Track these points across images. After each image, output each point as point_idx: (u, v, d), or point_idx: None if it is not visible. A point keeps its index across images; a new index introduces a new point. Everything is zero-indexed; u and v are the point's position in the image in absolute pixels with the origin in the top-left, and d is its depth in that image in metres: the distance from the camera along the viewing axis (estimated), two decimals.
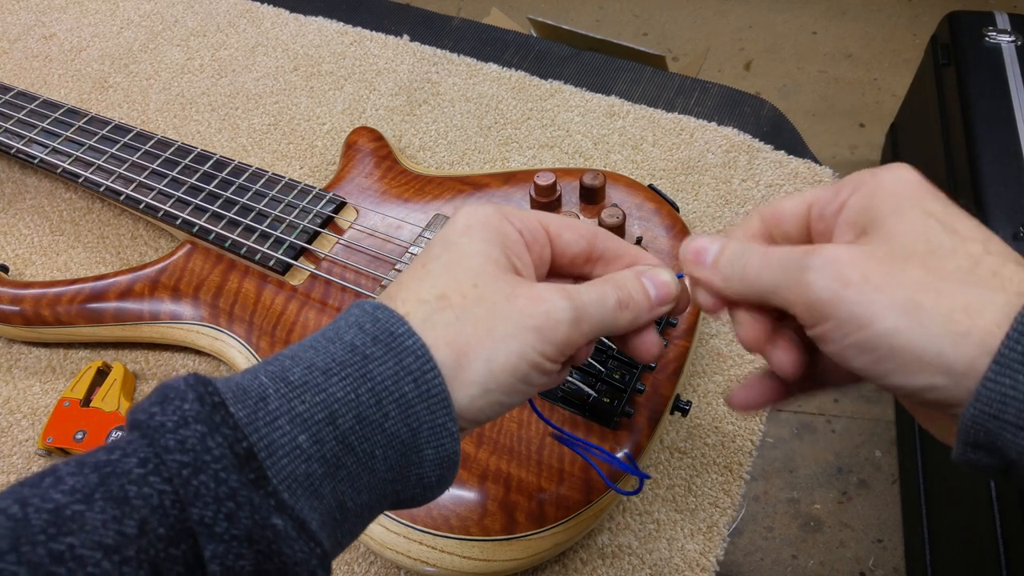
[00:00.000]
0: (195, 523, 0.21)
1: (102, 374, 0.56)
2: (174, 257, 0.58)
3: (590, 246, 0.30)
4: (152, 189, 0.61)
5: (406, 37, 0.79)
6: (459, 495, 0.46)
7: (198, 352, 0.58)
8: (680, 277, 0.31)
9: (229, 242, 0.57)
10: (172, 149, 0.63)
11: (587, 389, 0.47)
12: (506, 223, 0.28)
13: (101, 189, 0.61)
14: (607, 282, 0.29)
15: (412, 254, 0.55)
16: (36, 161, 0.63)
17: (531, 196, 0.58)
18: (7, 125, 0.65)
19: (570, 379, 0.48)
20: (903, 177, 0.26)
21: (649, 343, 0.31)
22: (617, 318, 0.28)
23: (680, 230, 0.56)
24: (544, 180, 0.57)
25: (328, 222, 0.58)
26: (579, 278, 0.31)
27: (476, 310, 0.26)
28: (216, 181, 0.60)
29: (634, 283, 0.29)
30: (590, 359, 0.48)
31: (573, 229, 0.30)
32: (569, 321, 0.26)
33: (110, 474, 0.21)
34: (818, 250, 0.25)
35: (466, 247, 0.27)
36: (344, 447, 0.23)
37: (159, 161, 0.62)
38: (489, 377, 0.25)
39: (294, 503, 0.22)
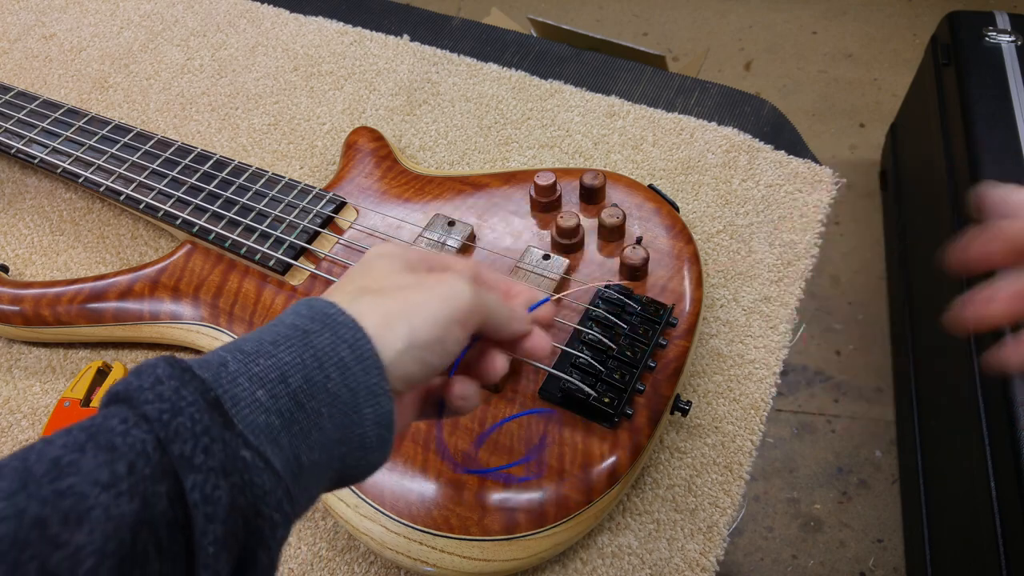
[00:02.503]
0: (176, 459, 0.24)
1: (102, 374, 0.56)
2: (174, 257, 0.58)
3: (473, 276, 0.35)
4: (152, 189, 0.61)
5: (406, 37, 0.79)
6: (459, 495, 0.46)
7: (198, 352, 0.58)
8: (545, 301, 0.37)
9: (229, 242, 0.57)
10: (172, 149, 0.63)
11: (587, 389, 0.47)
12: (407, 253, 0.34)
13: (101, 189, 0.61)
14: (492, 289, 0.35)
15: None
16: (36, 161, 0.63)
17: (531, 196, 0.58)
18: (7, 125, 0.65)
19: (570, 379, 0.48)
20: None
21: (533, 341, 0.36)
22: (501, 309, 0.34)
23: (680, 230, 0.56)
24: (544, 180, 0.57)
25: (328, 222, 0.58)
26: None
27: (394, 291, 0.31)
28: (216, 181, 0.60)
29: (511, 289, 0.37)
30: (590, 359, 0.48)
31: (458, 263, 0.35)
32: (471, 293, 0.31)
33: (96, 432, 0.24)
34: None
35: (377, 262, 0.33)
36: (296, 404, 0.27)
37: (159, 161, 0.62)
38: (412, 333, 0.30)
39: (258, 444, 0.26)
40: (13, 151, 0.64)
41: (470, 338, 0.32)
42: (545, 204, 0.58)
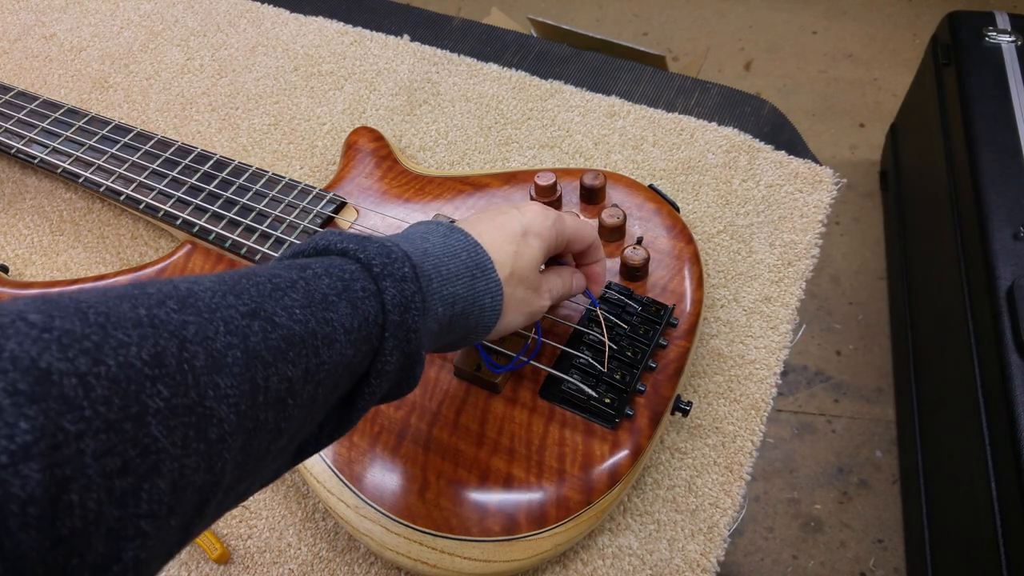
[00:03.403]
0: (393, 337, 0.33)
1: None
2: (174, 257, 0.58)
3: (587, 251, 0.47)
4: (152, 189, 0.60)
5: (406, 37, 0.79)
6: (459, 495, 0.45)
7: None
8: (587, 294, 0.48)
9: (229, 242, 0.57)
10: (172, 149, 0.63)
11: (587, 389, 0.47)
12: (556, 238, 0.43)
13: (101, 189, 0.61)
14: (563, 277, 0.46)
15: None
16: (36, 161, 0.63)
17: (531, 196, 0.58)
18: (7, 125, 0.65)
19: (570, 379, 0.48)
20: None
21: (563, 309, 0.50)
22: (559, 299, 0.46)
23: (680, 230, 0.56)
24: (544, 180, 0.57)
25: (328, 222, 0.58)
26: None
27: (521, 292, 0.42)
28: (216, 181, 0.60)
29: (574, 280, 0.47)
30: (591, 360, 0.48)
31: (582, 242, 0.46)
32: (545, 311, 0.45)
33: (346, 288, 0.33)
34: None
35: (533, 247, 0.42)
36: (449, 322, 0.38)
37: (159, 161, 0.62)
38: (506, 326, 0.42)
39: (425, 342, 0.36)
40: (13, 151, 0.64)
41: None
42: (545, 204, 0.57)
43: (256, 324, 0.28)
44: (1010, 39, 1.13)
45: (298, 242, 0.56)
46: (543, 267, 0.45)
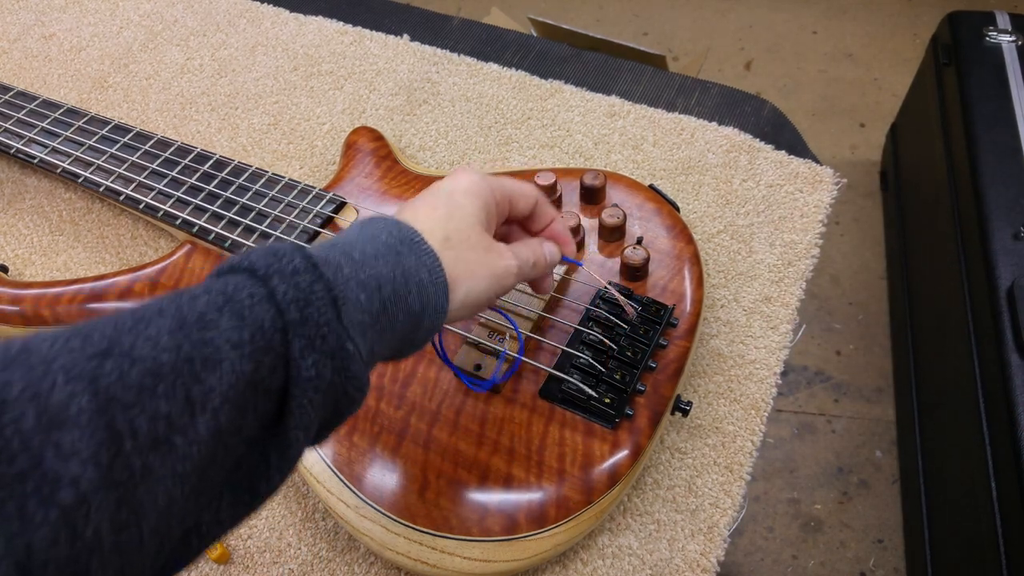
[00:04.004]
0: (300, 339, 0.30)
1: None
2: (174, 257, 0.58)
3: (531, 210, 0.44)
4: (152, 189, 0.60)
5: (406, 37, 0.79)
6: (459, 495, 0.45)
7: None
8: (569, 261, 0.46)
9: (229, 242, 0.57)
10: (172, 149, 0.63)
11: (587, 389, 0.47)
12: (491, 194, 0.40)
13: (101, 189, 0.61)
14: (530, 245, 0.43)
15: None
16: (36, 161, 0.63)
17: None
18: (7, 125, 0.65)
19: (570, 379, 0.48)
20: None
21: (545, 283, 0.46)
22: (534, 270, 0.43)
23: (681, 230, 0.56)
24: (544, 180, 0.57)
25: (328, 222, 0.58)
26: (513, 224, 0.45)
27: (468, 254, 0.38)
28: (216, 181, 0.60)
29: (544, 248, 0.44)
30: (591, 360, 0.48)
31: (526, 198, 0.43)
32: (514, 274, 0.40)
33: (230, 299, 0.29)
34: None
35: (465, 206, 0.39)
36: (382, 308, 0.33)
37: (159, 161, 0.62)
38: (466, 297, 0.38)
39: (354, 337, 0.32)
40: (13, 151, 0.64)
41: None
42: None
43: (108, 363, 0.25)
44: (1010, 39, 1.13)
45: (299, 242, 0.56)
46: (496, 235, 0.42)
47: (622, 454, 0.47)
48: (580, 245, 0.56)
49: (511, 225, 0.45)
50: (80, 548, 0.23)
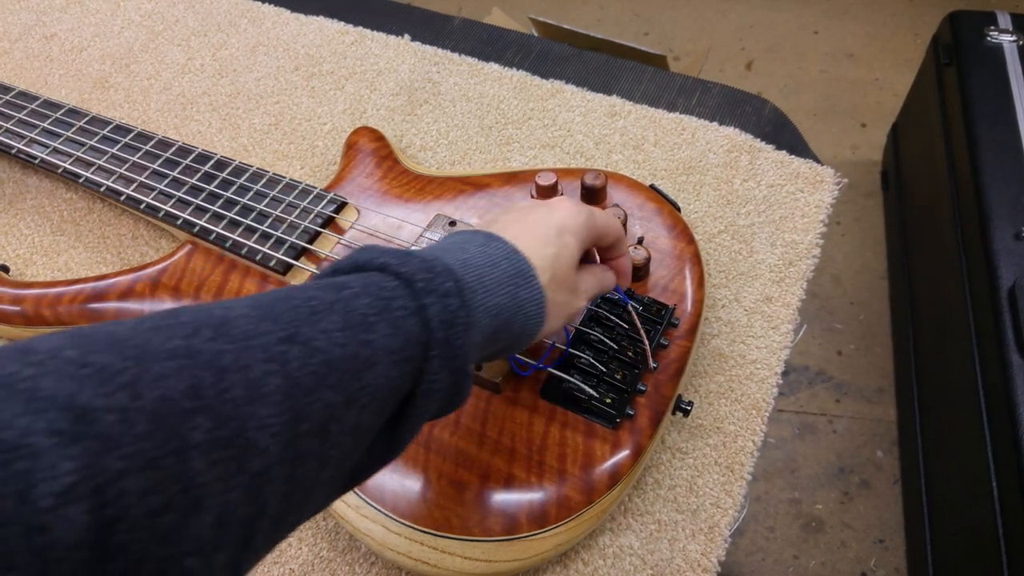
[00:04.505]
0: (439, 355, 0.32)
1: None
2: (175, 257, 0.58)
3: (614, 245, 0.45)
4: (153, 189, 0.60)
5: (407, 37, 0.79)
6: (460, 495, 0.45)
7: None
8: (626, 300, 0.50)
9: (230, 242, 0.57)
10: (173, 149, 0.63)
11: (589, 389, 0.47)
12: (589, 232, 0.42)
13: (102, 189, 0.61)
14: (596, 274, 0.44)
15: None
16: (37, 161, 0.63)
17: (532, 196, 0.58)
18: (8, 125, 0.65)
19: (571, 379, 0.48)
20: None
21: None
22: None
23: (681, 230, 0.56)
24: (545, 180, 0.57)
25: (329, 222, 0.58)
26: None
27: (561, 296, 0.40)
28: (217, 181, 0.60)
29: (607, 276, 0.46)
30: (592, 360, 0.48)
31: (613, 236, 0.44)
32: (582, 310, 0.44)
33: (385, 307, 0.31)
34: None
35: (571, 246, 0.41)
36: (495, 333, 0.37)
37: (160, 161, 0.62)
38: (551, 328, 0.40)
39: (473, 357, 0.35)
40: (14, 151, 0.64)
41: None
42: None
43: (294, 350, 0.27)
44: (1011, 39, 1.13)
45: (299, 242, 0.56)
46: None
47: (623, 454, 0.47)
48: None
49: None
50: (253, 513, 0.25)
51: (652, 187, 0.59)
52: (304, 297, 0.30)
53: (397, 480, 0.46)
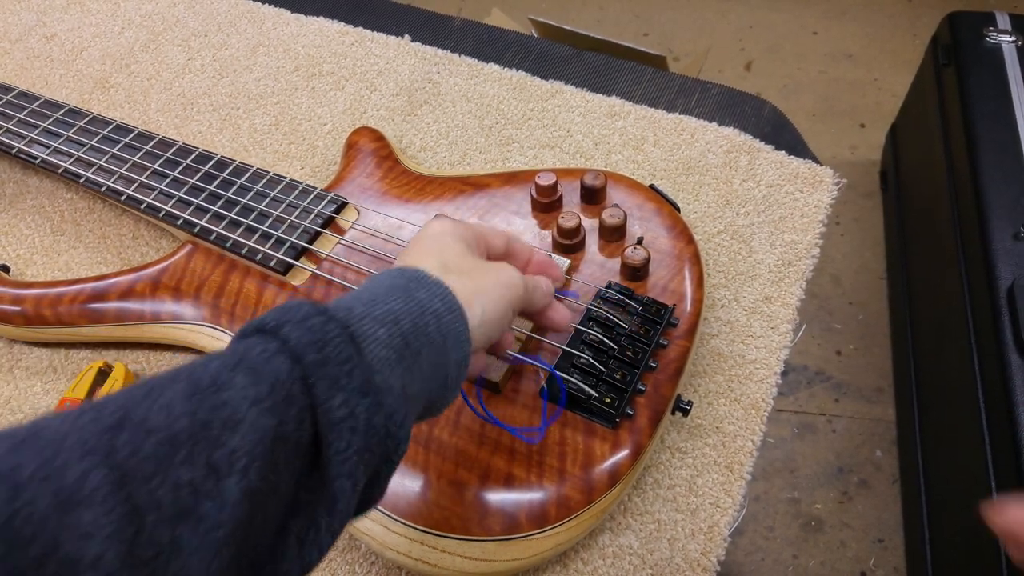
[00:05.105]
0: (323, 381, 0.29)
1: (103, 374, 0.56)
2: (175, 257, 0.58)
3: (507, 248, 0.44)
4: (153, 189, 0.61)
5: (407, 37, 0.79)
6: (460, 495, 0.46)
7: (199, 353, 0.58)
8: (569, 295, 0.51)
9: (230, 242, 0.57)
10: (173, 149, 0.63)
11: (588, 389, 0.47)
12: (465, 230, 0.41)
13: (102, 189, 0.61)
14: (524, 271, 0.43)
15: None
16: (37, 161, 0.63)
17: (532, 196, 0.58)
18: (8, 125, 0.65)
19: (571, 379, 0.48)
20: None
21: (557, 314, 0.45)
22: (537, 292, 0.43)
23: (681, 230, 0.56)
24: (545, 180, 0.57)
25: (329, 222, 0.58)
26: None
27: (468, 277, 0.38)
28: (217, 181, 0.61)
29: (541, 280, 0.44)
30: (591, 359, 0.48)
31: (498, 236, 0.44)
32: (519, 283, 0.40)
33: (243, 357, 0.29)
34: None
35: (449, 240, 0.40)
36: (405, 343, 0.33)
37: (160, 161, 0.62)
38: (484, 314, 0.37)
39: (382, 371, 0.31)
40: (14, 151, 0.64)
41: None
42: (546, 204, 0.58)
43: (122, 436, 0.24)
44: (1010, 39, 1.14)
45: (299, 242, 0.57)
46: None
47: (623, 454, 0.47)
48: (581, 245, 0.56)
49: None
50: None
51: (651, 187, 0.59)
52: (147, 380, 0.28)
53: (397, 480, 0.47)
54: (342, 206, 0.60)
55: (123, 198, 0.61)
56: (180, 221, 0.59)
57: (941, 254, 1.10)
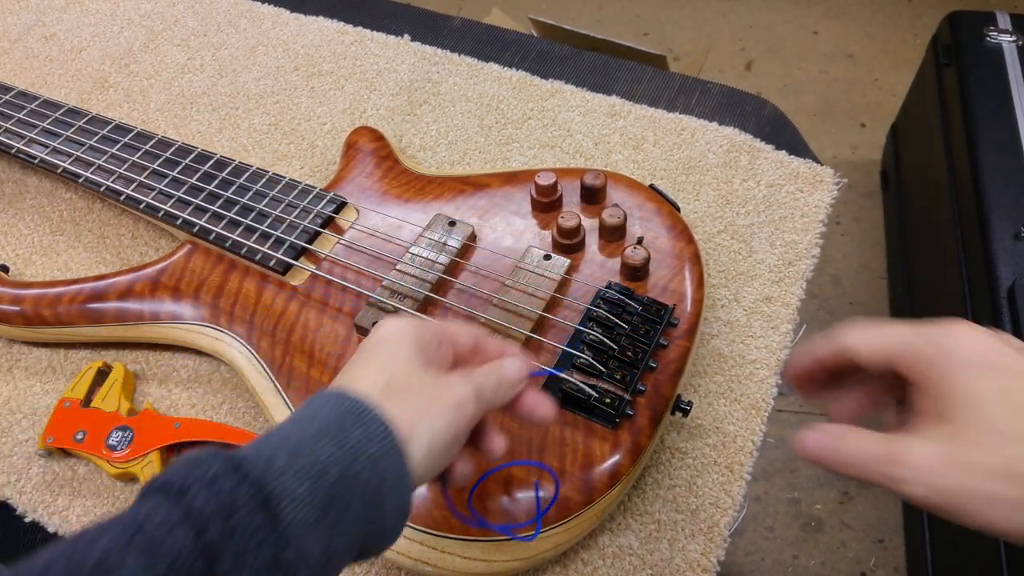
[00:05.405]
0: (230, 553, 0.26)
1: (102, 374, 0.56)
2: (174, 257, 0.58)
3: (475, 344, 0.39)
4: (152, 189, 0.60)
5: (407, 37, 0.79)
6: (460, 495, 0.45)
7: (199, 352, 0.58)
8: (540, 374, 0.46)
9: (230, 242, 0.57)
10: (172, 149, 0.63)
11: (588, 389, 0.47)
12: (422, 332, 0.37)
13: (101, 189, 0.61)
14: (491, 367, 0.38)
15: (413, 254, 0.55)
16: (36, 161, 0.63)
17: (532, 196, 0.58)
18: (7, 125, 0.65)
19: (571, 379, 0.48)
20: (972, 355, 0.31)
21: (533, 402, 0.39)
22: (497, 395, 0.37)
23: (681, 230, 0.56)
24: (545, 180, 0.57)
25: (329, 222, 0.58)
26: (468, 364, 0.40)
27: (414, 396, 0.34)
28: (216, 181, 0.60)
29: (503, 365, 0.38)
30: (591, 359, 0.48)
31: (464, 332, 0.39)
32: (474, 396, 0.35)
33: (140, 528, 0.26)
34: (904, 457, 0.30)
35: (399, 348, 0.35)
36: (330, 498, 0.29)
37: (159, 161, 0.62)
38: (431, 441, 0.33)
39: (300, 537, 0.28)
40: (13, 151, 0.64)
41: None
42: (546, 204, 0.58)
43: None
44: (1011, 39, 1.13)
45: (299, 242, 0.56)
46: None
47: (622, 454, 0.47)
48: (581, 245, 0.56)
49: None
50: None
51: (652, 187, 0.59)
52: (27, 563, 0.25)
53: None
54: (341, 206, 0.59)
55: (122, 198, 0.60)
56: (179, 221, 0.59)
57: (941, 254, 1.10)
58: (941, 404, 0.31)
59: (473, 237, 0.57)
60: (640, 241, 0.54)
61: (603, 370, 0.48)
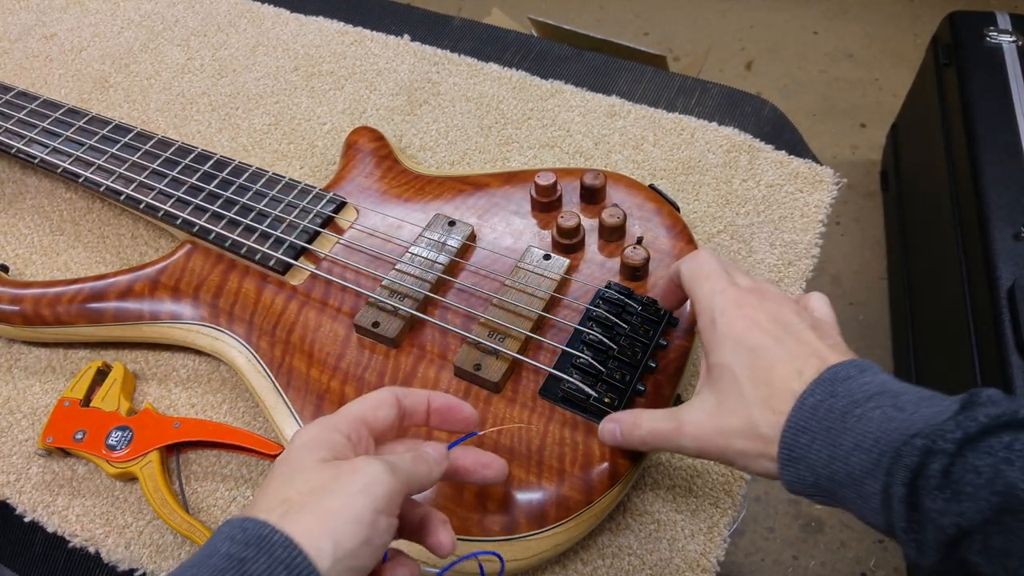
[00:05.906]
0: None
1: (102, 374, 0.56)
2: (174, 257, 0.58)
3: (400, 409, 0.38)
4: (152, 189, 0.60)
5: (407, 37, 0.79)
6: (459, 495, 0.45)
7: (198, 352, 0.58)
8: (466, 439, 0.41)
9: (229, 242, 0.57)
10: (172, 149, 0.63)
11: (588, 389, 0.47)
12: (329, 431, 0.35)
13: (101, 189, 0.61)
14: (402, 444, 0.38)
15: (412, 254, 0.55)
16: (36, 161, 0.63)
17: (532, 196, 0.58)
18: (7, 125, 0.65)
19: (571, 379, 0.48)
20: (735, 335, 0.40)
21: (481, 462, 0.40)
22: (418, 468, 0.35)
23: (681, 230, 0.56)
24: (545, 180, 0.57)
25: (328, 222, 0.58)
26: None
27: (314, 500, 0.31)
28: (216, 181, 0.60)
29: (424, 449, 0.37)
30: (591, 359, 0.48)
31: (380, 405, 0.37)
32: (385, 471, 0.33)
33: None
34: (683, 428, 0.41)
35: (300, 455, 0.34)
36: None
37: (159, 161, 0.62)
38: (336, 548, 0.30)
39: None
40: (13, 151, 0.64)
41: (397, 516, 0.33)
42: (546, 204, 0.58)
43: None
44: (1011, 39, 1.13)
45: (299, 241, 0.56)
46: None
47: (622, 454, 0.47)
48: (581, 245, 0.56)
49: (403, 440, 0.40)
50: None
51: (651, 187, 0.59)
52: None
53: None
54: (341, 206, 0.59)
55: (122, 197, 0.60)
56: (179, 220, 0.59)
57: (942, 254, 1.10)
58: (712, 372, 0.40)
59: (473, 237, 0.57)
60: (640, 241, 0.54)
61: (603, 370, 0.48)
